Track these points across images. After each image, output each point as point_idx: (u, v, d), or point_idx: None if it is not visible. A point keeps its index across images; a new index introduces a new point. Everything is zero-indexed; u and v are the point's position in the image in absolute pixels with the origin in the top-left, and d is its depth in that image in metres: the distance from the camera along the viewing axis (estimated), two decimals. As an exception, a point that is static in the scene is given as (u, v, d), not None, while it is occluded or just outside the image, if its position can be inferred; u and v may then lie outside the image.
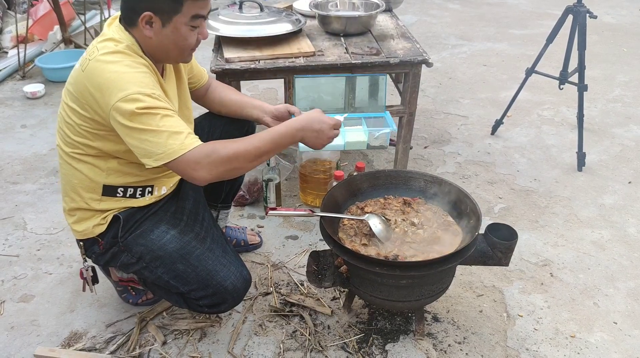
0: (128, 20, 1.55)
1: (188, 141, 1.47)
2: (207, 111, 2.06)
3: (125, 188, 1.71)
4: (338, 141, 1.96)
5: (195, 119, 1.95)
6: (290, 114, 1.92)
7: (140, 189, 1.74)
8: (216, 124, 2.02)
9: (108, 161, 1.65)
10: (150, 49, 1.58)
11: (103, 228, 1.73)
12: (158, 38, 1.55)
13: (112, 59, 1.50)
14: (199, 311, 1.89)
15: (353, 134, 2.04)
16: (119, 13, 1.60)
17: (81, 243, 1.80)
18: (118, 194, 1.71)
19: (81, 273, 1.93)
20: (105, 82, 1.46)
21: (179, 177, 1.85)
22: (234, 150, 1.51)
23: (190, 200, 1.90)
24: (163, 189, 1.81)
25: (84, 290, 1.99)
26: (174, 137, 1.46)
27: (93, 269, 1.95)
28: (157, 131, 1.45)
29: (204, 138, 1.57)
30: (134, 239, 1.74)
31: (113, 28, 1.58)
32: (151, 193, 1.77)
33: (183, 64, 1.79)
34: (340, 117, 1.85)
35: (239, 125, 2.03)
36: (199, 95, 1.99)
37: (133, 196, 1.74)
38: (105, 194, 1.70)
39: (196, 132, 1.64)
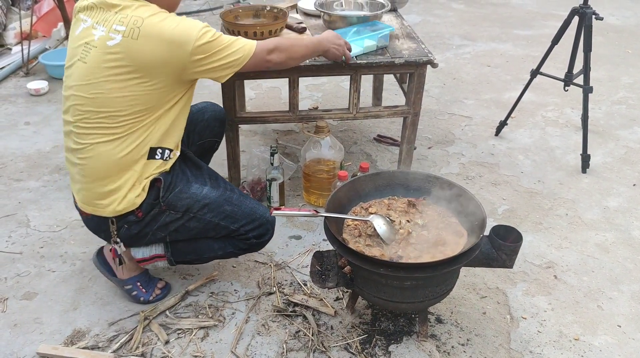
0: None
1: (247, 40, 1.84)
2: None
3: (163, 149, 1.84)
4: (356, 50, 2.33)
5: None
6: None
7: (168, 151, 1.87)
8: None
9: (158, 122, 1.79)
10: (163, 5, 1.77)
11: (143, 196, 1.83)
12: None
13: (162, 17, 1.70)
14: (247, 248, 2.03)
15: (367, 42, 2.38)
16: None
17: (113, 219, 1.86)
18: (157, 156, 1.83)
19: (114, 252, 1.97)
20: (173, 36, 1.67)
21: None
22: (290, 42, 2.00)
23: (201, 165, 2.07)
24: (177, 153, 1.94)
25: (116, 269, 2.04)
26: (239, 42, 1.80)
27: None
28: (229, 45, 1.77)
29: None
30: (175, 196, 1.86)
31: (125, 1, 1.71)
32: (170, 157, 1.89)
33: None
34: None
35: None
36: None
37: (165, 157, 1.86)
38: (150, 157, 1.81)
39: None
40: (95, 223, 1.92)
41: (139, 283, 2.09)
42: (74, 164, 1.84)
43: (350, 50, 2.22)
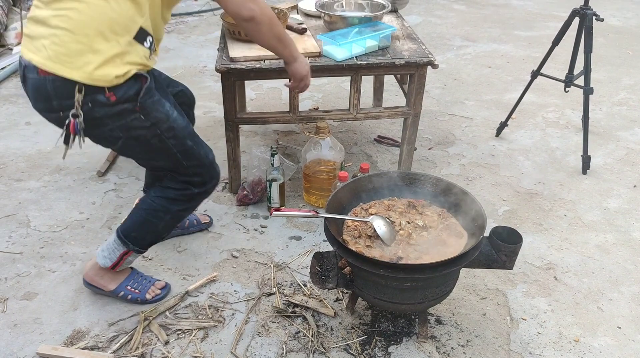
0: None
1: None
2: None
3: (152, 39, 1.75)
4: (358, 49, 2.37)
5: None
6: None
7: (153, 45, 1.79)
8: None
9: (149, 5, 1.69)
10: None
11: (120, 80, 1.66)
12: None
13: None
14: (186, 197, 1.98)
15: (369, 42, 2.41)
16: None
17: (83, 87, 1.63)
18: (145, 44, 1.72)
19: (73, 126, 1.69)
20: None
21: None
22: (274, 14, 1.84)
23: (168, 92, 2.00)
24: (156, 58, 1.86)
25: (66, 142, 1.74)
26: None
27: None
28: None
29: None
30: (153, 104, 1.77)
31: None
32: (153, 51, 1.80)
33: None
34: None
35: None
36: None
37: (150, 48, 1.75)
38: (137, 39, 1.68)
39: None
40: (52, 88, 1.64)
41: (128, 287, 2.09)
42: (46, 18, 1.62)
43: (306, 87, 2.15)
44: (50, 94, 1.65)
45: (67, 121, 1.69)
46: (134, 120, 1.75)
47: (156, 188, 2.02)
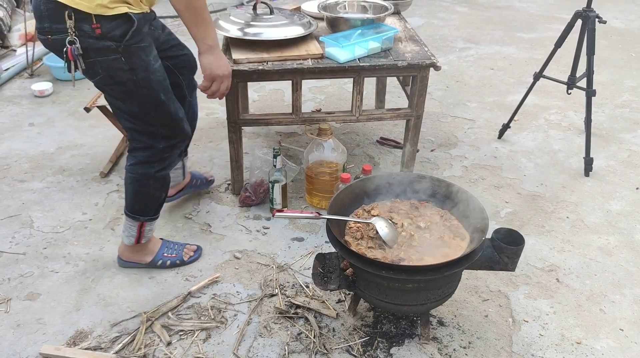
0: None
1: None
2: None
3: None
4: (360, 51, 2.37)
5: None
6: None
7: None
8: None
9: None
10: None
11: (105, 11, 1.70)
12: None
13: None
14: (153, 148, 2.01)
15: (371, 44, 2.41)
16: None
17: (72, 13, 1.69)
18: None
19: (70, 52, 1.75)
20: None
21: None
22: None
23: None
24: (151, 6, 1.92)
25: (70, 70, 1.80)
26: None
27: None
28: None
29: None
30: (137, 50, 1.80)
31: None
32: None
33: None
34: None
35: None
36: None
37: None
38: None
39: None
40: (45, 9, 1.71)
41: (165, 254, 2.24)
42: None
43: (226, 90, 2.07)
44: (44, 15, 1.73)
45: (64, 49, 1.75)
46: (115, 61, 1.79)
47: (127, 158, 2.08)
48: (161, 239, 2.32)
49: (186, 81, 2.31)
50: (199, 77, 2.14)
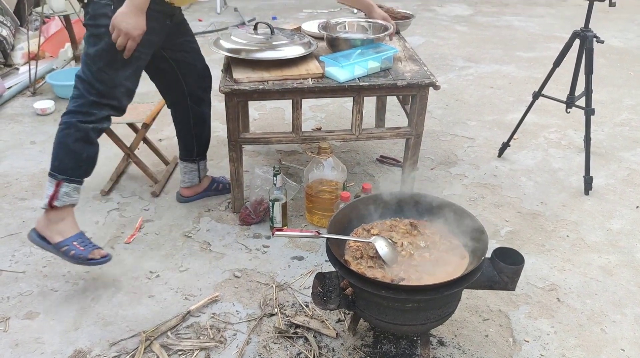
0: None
1: None
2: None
3: None
4: (360, 71, 2.40)
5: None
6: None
7: None
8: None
9: None
10: None
11: None
12: None
13: None
14: (84, 98, 2.13)
15: (371, 63, 2.44)
16: None
17: None
18: None
19: None
20: None
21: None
22: None
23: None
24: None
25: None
26: None
27: None
28: None
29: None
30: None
31: None
32: None
33: None
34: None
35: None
36: None
37: None
38: None
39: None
40: None
41: (75, 243, 2.17)
42: None
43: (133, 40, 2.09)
44: None
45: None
46: (104, 6, 2.03)
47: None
48: (80, 231, 2.26)
49: (188, 88, 2.51)
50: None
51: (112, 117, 2.24)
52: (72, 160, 2.18)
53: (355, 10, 2.93)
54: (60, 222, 2.19)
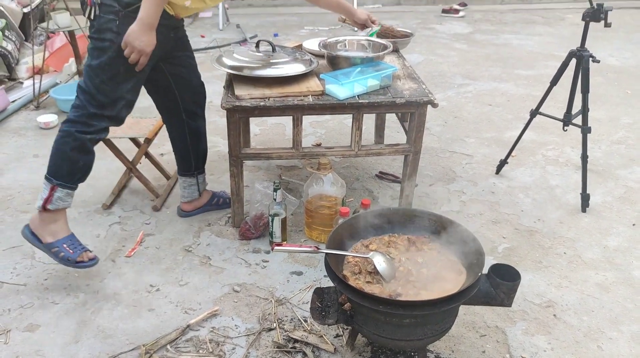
0: None
1: None
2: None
3: None
4: (359, 88, 2.44)
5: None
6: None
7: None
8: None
9: None
10: None
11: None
12: None
13: None
14: (84, 110, 2.19)
15: (370, 81, 2.48)
16: None
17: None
18: None
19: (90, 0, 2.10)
20: None
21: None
22: None
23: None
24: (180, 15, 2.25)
25: (89, 17, 2.13)
26: None
27: None
28: None
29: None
30: (132, 22, 2.05)
31: None
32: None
33: None
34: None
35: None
36: None
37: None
38: None
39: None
40: None
41: (65, 245, 2.25)
42: None
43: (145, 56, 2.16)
44: None
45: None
46: (110, 21, 2.08)
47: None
48: (72, 233, 2.34)
49: (183, 103, 2.56)
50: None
51: (116, 132, 2.29)
52: (68, 167, 2.25)
53: (356, 29, 2.97)
54: (53, 224, 2.28)
